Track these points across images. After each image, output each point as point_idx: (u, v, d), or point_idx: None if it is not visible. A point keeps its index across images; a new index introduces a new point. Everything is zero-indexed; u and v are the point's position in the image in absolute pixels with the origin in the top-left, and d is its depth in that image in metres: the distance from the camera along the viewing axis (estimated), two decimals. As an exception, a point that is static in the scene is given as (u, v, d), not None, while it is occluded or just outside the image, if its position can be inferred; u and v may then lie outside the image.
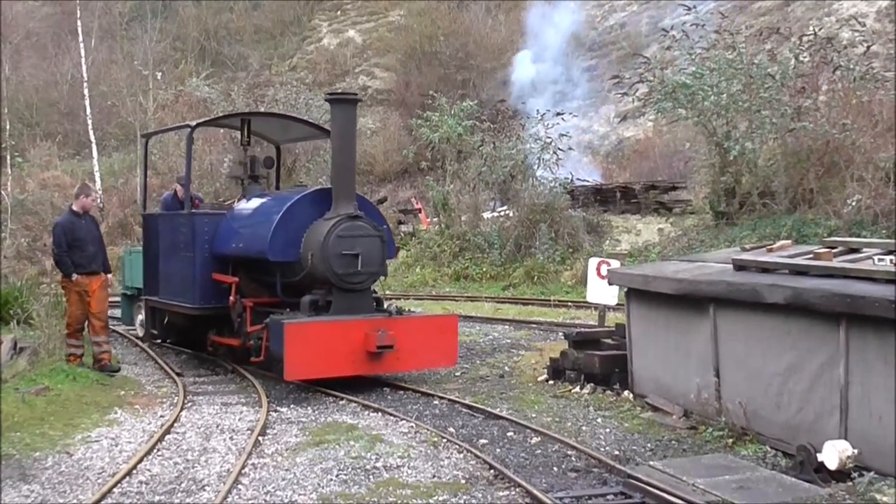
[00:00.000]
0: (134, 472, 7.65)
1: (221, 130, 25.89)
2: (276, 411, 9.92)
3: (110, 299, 12.99)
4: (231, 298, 11.86)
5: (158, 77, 31.96)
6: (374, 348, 10.44)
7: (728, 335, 8.59)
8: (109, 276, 12.26)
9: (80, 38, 30.21)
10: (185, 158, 13.86)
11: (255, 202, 12.51)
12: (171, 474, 7.65)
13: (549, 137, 22.32)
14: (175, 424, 9.30)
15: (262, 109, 26.69)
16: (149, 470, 7.74)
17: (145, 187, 15.42)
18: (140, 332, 14.91)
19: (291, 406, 10.20)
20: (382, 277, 11.71)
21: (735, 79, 16.85)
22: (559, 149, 22.32)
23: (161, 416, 9.71)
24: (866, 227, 13.80)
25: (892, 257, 7.89)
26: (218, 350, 12.93)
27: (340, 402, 10.31)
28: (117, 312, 15.94)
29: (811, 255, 8.53)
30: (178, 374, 11.93)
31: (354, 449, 8.29)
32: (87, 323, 11.82)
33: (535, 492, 6.89)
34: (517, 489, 7.09)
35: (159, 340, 14.28)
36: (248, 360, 11.79)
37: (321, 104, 26.44)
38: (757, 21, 25.86)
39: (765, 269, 8.56)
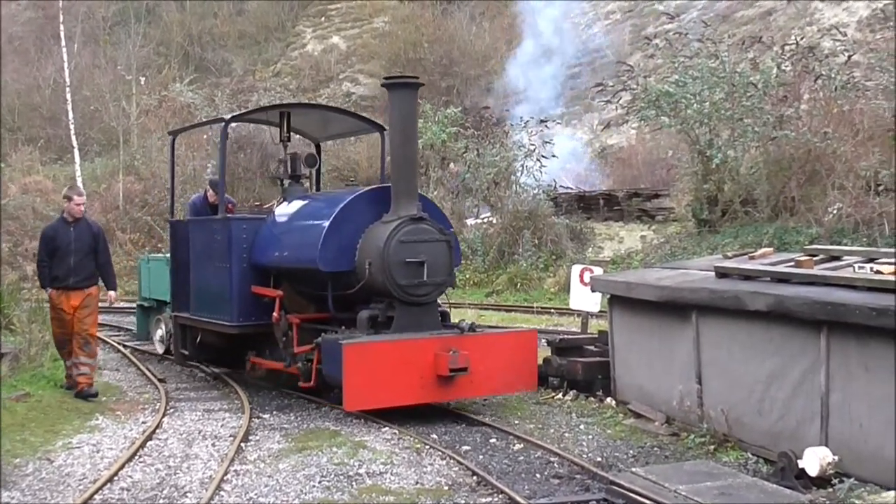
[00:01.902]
0: (115, 478, 7.59)
1: (205, 136, 25.88)
2: (258, 417, 9.89)
3: (125, 307, 12.64)
4: (274, 314, 10.47)
5: (142, 82, 31.83)
6: (447, 371, 9.17)
7: (710, 342, 8.63)
8: (112, 293, 11.10)
9: (63, 43, 30.07)
10: (220, 157, 12.27)
11: (297, 205, 11.18)
12: (153, 481, 7.61)
13: (532, 144, 22.40)
14: (157, 431, 9.25)
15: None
16: (130, 476, 7.70)
17: (173, 191, 13.53)
18: (158, 350, 13.86)
19: (274, 412, 10.17)
20: (450, 289, 10.49)
21: (718, 87, 16.96)
22: (542, 156, 22.39)
23: (143, 423, 9.66)
24: (847, 234, 13.89)
25: (872, 265, 7.94)
26: (257, 372, 11.81)
27: (323, 409, 10.29)
28: (132, 324, 15.48)
29: (793, 263, 8.58)
30: (161, 381, 11.86)
31: (337, 455, 8.27)
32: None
33: (518, 498, 6.90)
34: (500, 496, 7.09)
35: (192, 362, 12.77)
36: (294, 384, 10.71)
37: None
38: (739, 30, 26.03)
39: (747, 276, 8.61)
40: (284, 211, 11.22)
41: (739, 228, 16.75)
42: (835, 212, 14.34)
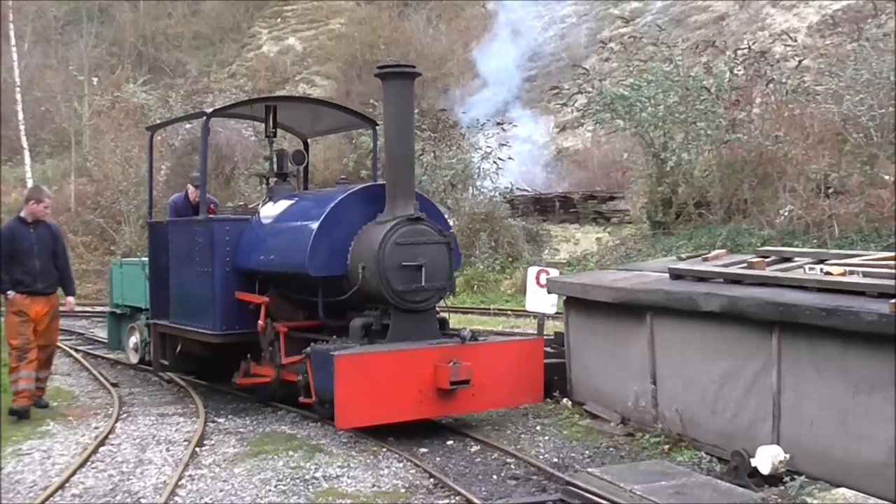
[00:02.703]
0: (67, 485, 7.49)
1: (160, 137, 25.58)
2: (213, 422, 9.81)
3: (79, 311, 12.17)
4: (260, 322, 9.85)
5: (94, 82, 31.45)
6: (447, 384, 8.51)
7: (665, 343, 8.71)
8: (71, 299, 10.64)
9: (13, 42, 29.60)
10: (201, 154, 11.26)
11: (284, 204, 10.53)
12: (106, 487, 7.52)
13: (489, 147, 22.46)
14: (110, 436, 9.14)
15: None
16: (82, 483, 7.60)
17: (151, 190, 12.82)
18: (132, 359, 13.23)
19: (229, 416, 10.09)
20: (449, 294, 9.78)
21: (672, 91, 17.12)
22: (499, 158, 22.46)
23: (95, 428, 9.53)
24: (798, 236, 14.09)
25: (822, 266, 8.07)
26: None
27: (279, 412, 10.23)
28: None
29: (745, 265, 8.69)
30: (114, 385, 11.72)
31: (293, 459, 8.23)
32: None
33: (475, 500, 6.91)
34: (457, 497, 7.10)
35: (172, 372, 12.08)
36: (282, 399, 10.19)
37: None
38: (693, 34, 26.29)
39: (700, 278, 8.70)
40: (270, 211, 10.62)
41: (693, 230, 16.93)
42: (786, 214, 14.54)
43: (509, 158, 23.12)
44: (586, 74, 20.01)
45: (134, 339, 13.28)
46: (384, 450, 8.47)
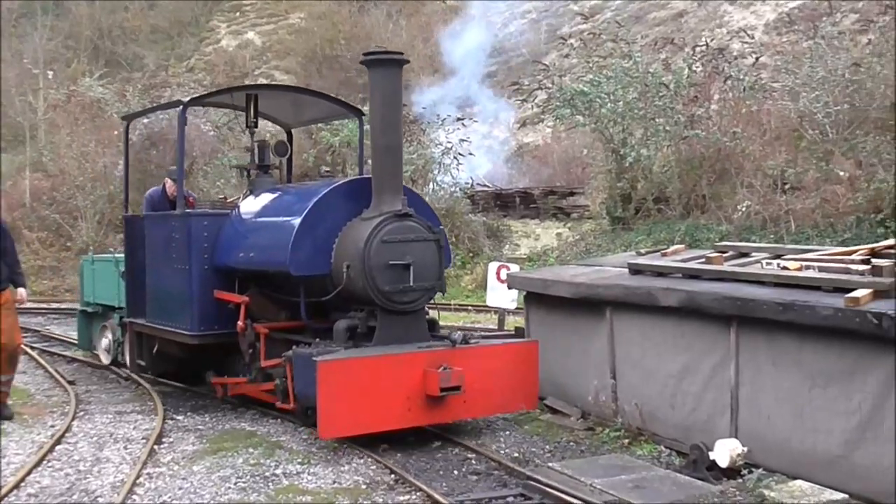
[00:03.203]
0: (22, 484, 7.38)
1: (116, 132, 25.27)
2: (172, 419, 9.72)
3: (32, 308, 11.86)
4: (239, 323, 9.39)
5: (49, 76, 30.98)
6: (437, 391, 8.04)
7: (624, 338, 8.77)
8: (21, 290, 9.86)
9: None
10: (178, 144, 10.68)
11: (266, 199, 10.04)
12: (62, 486, 7.42)
13: (449, 142, 22.46)
14: (66, 434, 9.02)
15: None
16: (38, 482, 7.49)
17: (126, 182, 12.20)
18: (104, 360, 12.75)
19: (188, 414, 10.00)
20: (440, 294, 9.33)
21: (631, 87, 17.22)
22: (460, 153, 22.47)
23: (51, 427, 9.40)
24: (755, 231, 14.24)
25: (779, 261, 8.16)
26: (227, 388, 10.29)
27: (239, 409, 10.15)
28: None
29: (703, 260, 8.77)
30: (70, 383, 11.56)
31: (253, 456, 8.18)
32: None
33: (436, 495, 6.91)
34: (418, 493, 7.09)
35: (149, 374, 11.46)
36: (264, 403, 9.63)
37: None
38: (652, 31, 26.49)
39: (659, 273, 8.77)
40: (251, 206, 10.12)
41: (652, 226, 17.04)
42: (743, 209, 14.68)
43: (470, 154, 23.14)
44: (546, 70, 20.07)
45: (106, 339, 12.85)
46: (344, 446, 8.44)
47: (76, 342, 14.23)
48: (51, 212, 25.49)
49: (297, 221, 8.80)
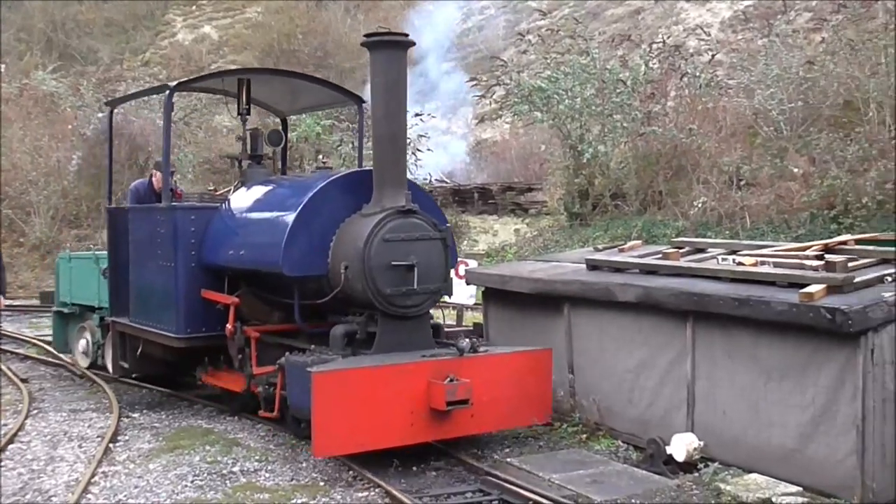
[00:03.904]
0: (-26, 484, 7.29)
1: (70, 126, 24.94)
2: (127, 417, 9.62)
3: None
4: (228, 326, 8.79)
5: (1, 69, 30.47)
6: (443, 405, 7.34)
7: (582, 333, 8.81)
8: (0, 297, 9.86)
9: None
10: (164, 133, 9.98)
11: (258, 191, 9.41)
12: (15, 486, 7.32)
13: (408, 138, 22.41)
14: (19, 433, 8.90)
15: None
16: (-10, 481, 7.40)
17: (111, 171, 11.55)
18: (82, 363, 12.08)
19: (144, 411, 9.91)
20: (446, 297, 8.68)
21: (588, 83, 17.30)
22: (418, 149, 22.44)
23: (4, 425, 9.24)
24: (711, 227, 14.38)
25: (734, 257, 8.24)
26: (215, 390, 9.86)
27: (195, 406, 10.07)
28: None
29: (660, 255, 8.83)
30: (23, 381, 11.38)
31: (210, 453, 8.12)
32: None
33: (395, 492, 6.90)
34: (376, 490, 7.08)
35: (133, 376, 11.00)
36: (255, 410, 8.96)
37: (176, 100, 25.75)
38: (609, 28, 26.62)
39: (616, 268, 8.82)
40: (242, 199, 9.44)
41: (610, 222, 17.14)
42: (700, 205, 14.81)
43: (428, 150, 23.12)
44: (504, 66, 20.09)
45: (84, 341, 12.15)
46: (303, 443, 8.40)
47: (31, 341, 13.89)
48: (3, 207, 25.08)
49: (291, 217, 8.16)
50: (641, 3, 28.70)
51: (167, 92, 9.75)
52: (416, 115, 23.15)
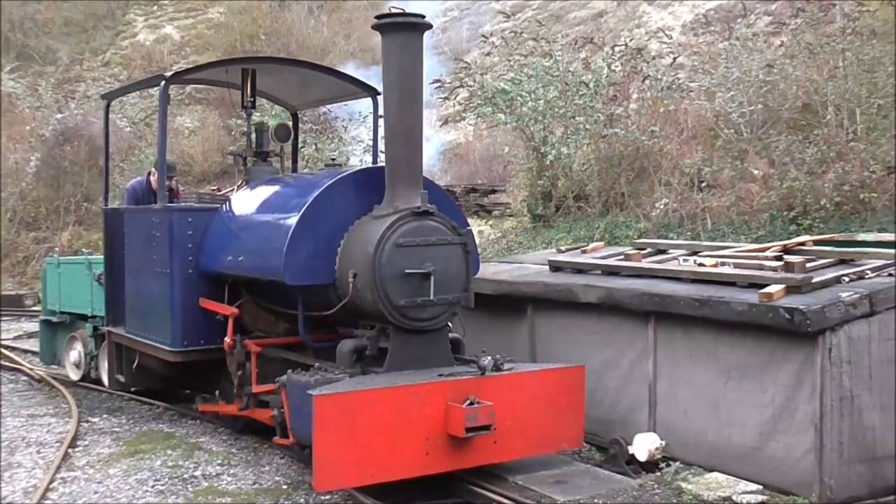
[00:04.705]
0: (-71, 490, 7.17)
1: (28, 126, 24.61)
2: (87, 421, 9.51)
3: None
4: (227, 340, 8.09)
5: (-44, 69, 30.05)
6: (462, 432, 6.58)
7: (545, 334, 8.84)
8: None
9: None
10: (159, 127, 9.17)
11: (261, 191, 8.69)
12: (-28, 492, 7.22)
13: (371, 140, 22.37)
14: (-25, 439, 8.78)
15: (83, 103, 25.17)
16: (-54, 488, 7.29)
17: (107, 169, 10.90)
18: (72, 375, 11.51)
19: (104, 416, 9.81)
20: (468, 307, 7.62)
21: (552, 86, 17.34)
22: (382, 151, 22.38)
23: (-40, 431, 9.14)
24: (673, 229, 14.46)
25: (695, 258, 8.31)
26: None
27: (157, 410, 9.99)
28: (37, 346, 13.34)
29: (622, 257, 8.89)
30: (-20, 385, 11.23)
31: (172, 458, 8.06)
32: None
33: (358, 495, 6.88)
34: (340, 492, 7.05)
35: (131, 389, 10.41)
36: (258, 432, 8.39)
37: (136, 102, 25.54)
38: (573, 30, 26.74)
39: (579, 269, 8.86)
40: (244, 200, 8.72)
41: (573, 223, 17.19)
42: (661, 207, 14.89)
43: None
44: (468, 68, 20.10)
45: (75, 352, 11.54)
46: (265, 446, 8.36)
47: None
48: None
49: (293, 220, 7.38)
50: (604, 5, 28.86)
51: (162, 84, 8.95)
52: (380, 116, 23.13)
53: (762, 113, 14.80)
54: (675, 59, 17.96)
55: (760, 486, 6.73)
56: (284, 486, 7.30)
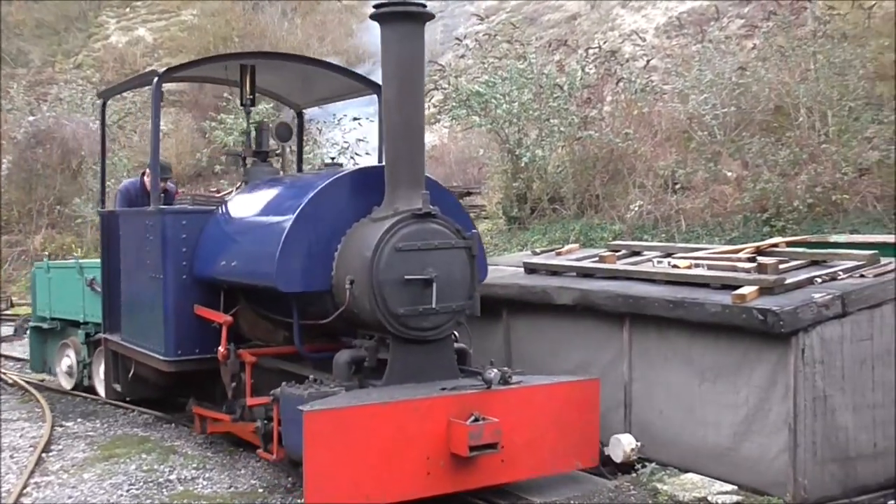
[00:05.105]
0: None
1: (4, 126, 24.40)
2: (61, 426, 9.44)
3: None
4: (220, 349, 7.66)
5: (-74, 72, 29.75)
6: (466, 450, 6.13)
7: (520, 336, 8.86)
8: None
9: None
10: (152, 124, 8.69)
11: (259, 192, 8.32)
12: (-57, 498, 7.15)
13: (346, 142, 22.35)
14: (-53, 444, 8.70)
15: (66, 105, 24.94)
16: (-83, 494, 7.21)
17: (103, 171, 10.41)
18: (65, 384, 11.23)
19: (78, 420, 9.74)
20: (473, 316, 7.17)
21: (526, 88, 17.39)
22: (356, 153, 22.36)
23: (-69, 436, 9.05)
24: (647, 230, 14.54)
25: (669, 260, 8.36)
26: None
27: (131, 414, 9.93)
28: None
29: (597, 258, 8.93)
30: (-49, 390, 11.11)
31: (146, 462, 8.01)
32: None
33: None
34: (316, 496, 7.04)
35: (126, 399, 10.08)
36: (254, 447, 7.70)
37: (108, 104, 25.36)
38: (547, 33, 26.81)
39: (554, 271, 8.90)
40: (240, 201, 8.35)
41: (548, 225, 17.24)
42: (636, 209, 14.97)
43: (367, 154, 23.06)
44: (442, 71, 20.12)
45: (68, 360, 11.23)
46: (241, 450, 8.33)
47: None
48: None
49: (287, 223, 7.00)
50: (578, 8, 28.95)
51: (154, 80, 8.52)
52: (354, 119, 23.10)
53: (735, 115, 14.91)
54: (648, 61, 18.07)
55: (735, 487, 6.77)
56: (260, 490, 7.28)
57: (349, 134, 22.49)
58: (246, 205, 8.24)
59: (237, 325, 7.95)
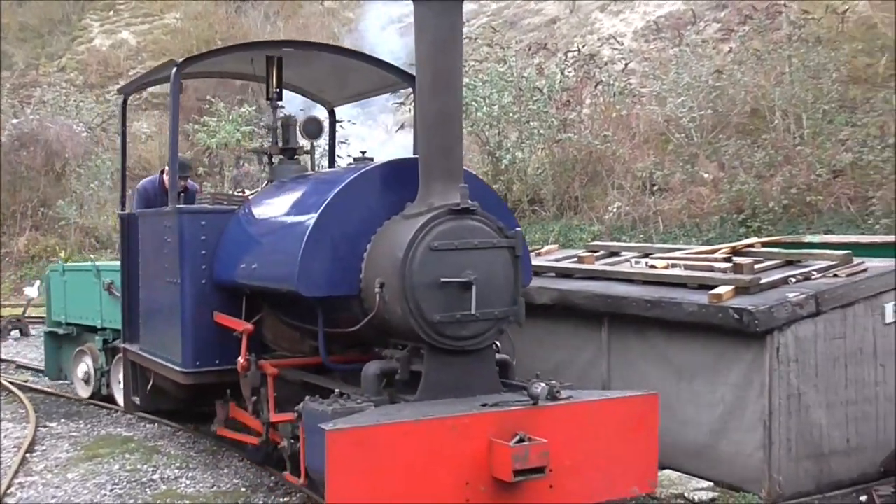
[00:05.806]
0: None
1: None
2: (45, 426, 9.48)
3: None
4: (240, 360, 6.88)
5: None
6: (510, 475, 5.24)
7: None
8: None
9: None
10: (171, 119, 7.85)
11: (283, 191, 7.61)
12: (-72, 498, 7.19)
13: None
14: (-70, 446, 8.72)
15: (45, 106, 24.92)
16: None
17: (124, 172, 9.76)
18: (82, 392, 10.73)
19: (62, 420, 9.78)
20: (516, 325, 6.33)
21: (506, 91, 17.50)
22: (338, 156, 22.40)
23: (-86, 438, 9.07)
24: (626, 231, 14.68)
25: (647, 260, 8.48)
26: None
27: (115, 414, 9.97)
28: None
29: (576, 259, 9.04)
30: (-66, 393, 11.09)
31: (130, 462, 8.07)
32: None
33: (317, 497, 6.94)
34: (298, 495, 7.12)
35: (146, 413, 9.59)
36: (280, 463, 7.08)
37: (92, 107, 25.36)
38: (526, 36, 26.93)
39: (534, 272, 8.98)
40: (262, 200, 7.70)
41: (527, 226, 17.34)
42: (614, 210, 15.11)
43: (349, 156, 23.09)
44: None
45: (85, 367, 10.72)
46: (224, 449, 8.40)
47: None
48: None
49: (310, 221, 6.31)
50: (557, 12, 29.09)
51: (173, 70, 7.68)
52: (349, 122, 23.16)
53: (712, 118, 15.09)
54: (626, 64, 18.22)
55: (712, 483, 6.90)
56: (243, 489, 7.35)
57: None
58: (269, 203, 7.57)
59: (260, 333, 7.39)
